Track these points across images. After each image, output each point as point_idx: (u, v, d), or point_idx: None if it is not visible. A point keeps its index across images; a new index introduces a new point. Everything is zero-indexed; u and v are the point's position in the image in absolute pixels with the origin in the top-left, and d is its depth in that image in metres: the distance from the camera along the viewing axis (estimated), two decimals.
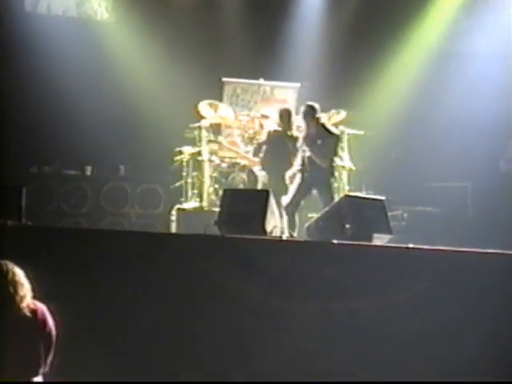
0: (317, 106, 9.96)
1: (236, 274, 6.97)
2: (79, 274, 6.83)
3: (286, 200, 9.75)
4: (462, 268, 7.18)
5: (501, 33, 13.19)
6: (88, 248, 6.99)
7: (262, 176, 10.72)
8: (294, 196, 9.70)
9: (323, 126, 9.91)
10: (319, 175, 9.69)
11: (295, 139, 10.17)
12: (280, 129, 10.50)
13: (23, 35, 12.11)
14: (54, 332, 5.00)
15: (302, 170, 9.81)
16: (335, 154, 9.89)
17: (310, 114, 9.85)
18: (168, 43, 12.78)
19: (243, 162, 11.42)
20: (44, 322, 4.99)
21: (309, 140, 9.80)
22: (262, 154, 10.75)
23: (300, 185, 9.76)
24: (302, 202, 9.93)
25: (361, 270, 7.12)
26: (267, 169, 10.58)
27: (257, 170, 11.11)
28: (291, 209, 9.67)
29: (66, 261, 6.90)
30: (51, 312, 4.98)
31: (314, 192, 9.80)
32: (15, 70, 12.03)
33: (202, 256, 7.05)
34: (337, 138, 9.98)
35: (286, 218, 9.67)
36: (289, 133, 10.39)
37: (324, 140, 9.75)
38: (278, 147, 10.30)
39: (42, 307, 5.04)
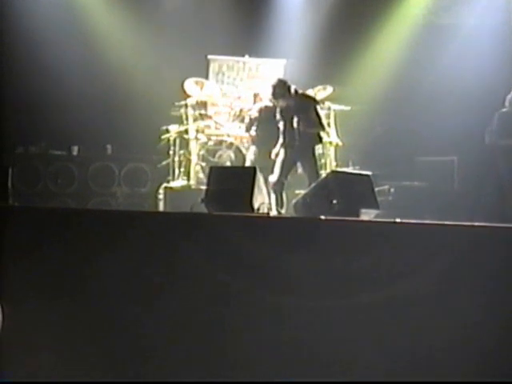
0: (283, 79, 9.99)
1: (222, 252, 6.97)
2: (66, 254, 6.81)
3: (272, 178, 9.75)
4: (449, 241, 7.20)
5: (485, 5, 13.17)
6: (75, 228, 6.97)
7: (252, 152, 10.70)
8: (280, 173, 9.69)
9: (298, 93, 9.87)
10: (304, 148, 9.65)
11: None
12: (271, 104, 10.46)
13: (6, 16, 12.01)
14: None
15: (285, 146, 9.78)
16: (319, 117, 9.82)
17: (282, 86, 9.81)
18: (153, 22, 12.73)
19: (230, 139, 11.42)
20: None
21: (291, 112, 9.75)
22: (253, 131, 10.75)
23: (284, 161, 9.74)
24: (289, 178, 9.92)
25: (349, 245, 7.13)
26: (258, 145, 10.57)
27: (246, 146, 11.13)
28: (279, 187, 9.67)
29: (54, 242, 6.88)
30: None
31: (299, 167, 9.77)
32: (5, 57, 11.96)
33: (189, 234, 7.04)
34: (314, 101, 9.95)
35: (273, 196, 9.67)
36: None
37: (305, 107, 9.71)
38: (270, 123, 10.27)
39: None
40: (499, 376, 6.84)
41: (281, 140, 9.82)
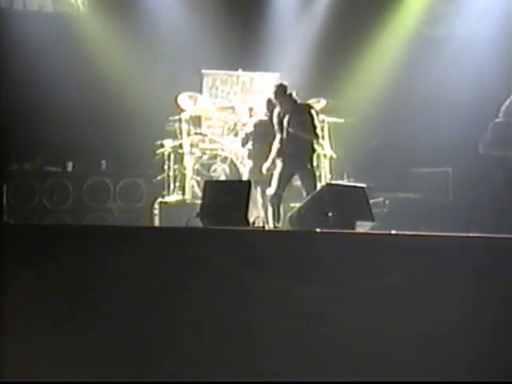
0: (285, 82, 9.98)
1: (218, 265, 6.96)
2: (63, 270, 6.80)
3: (270, 191, 9.73)
4: (445, 253, 7.20)
5: (477, 16, 13.23)
6: (71, 244, 6.96)
7: (249, 167, 10.70)
8: (278, 186, 9.66)
9: (295, 100, 9.87)
10: (300, 159, 9.63)
11: None
12: (266, 118, 10.47)
13: None
14: None
15: (281, 155, 9.73)
16: (314, 126, 9.80)
17: (281, 91, 9.82)
18: (147, 36, 12.76)
19: (224, 153, 11.43)
20: None
21: (287, 115, 9.73)
22: (249, 145, 10.76)
23: (281, 173, 9.72)
24: (286, 191, 9.89)
25: (344, 258, 7.13)
26: (255, 159, 10.57)
27: (240, 160, 11.14)
28: (276, 200, 9.64)
29: (50, 258, 6.87)
30: None
31: (296, 179, 9.75)
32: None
33: (185, 248, 7.04)
34: (309, 107, 9.92)
35: (270, 209, 9.65)
36: None
37: (302, 113, 9.72)
38: (266, 137, 10.27)
39: None
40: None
41: (277, 145, 9.76)
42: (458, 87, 12.33)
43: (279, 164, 9.78)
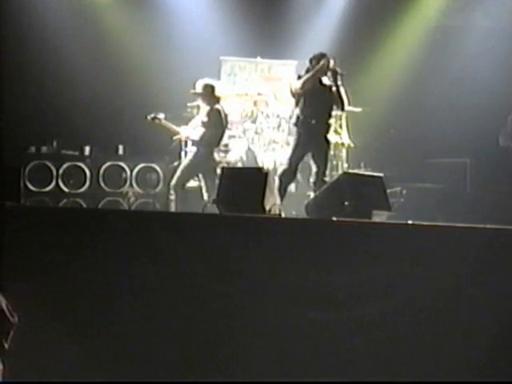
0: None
1: (235, 252, 6.97)
2: (78, 253, 6.82)
3: (282, 168, 9.55)
4: (462, 244, 7.18)
5: (499, 7, 13.14)
6: (87, 228, 6.99)
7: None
8: (290, 162, 9.42)
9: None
10: (316, 132, 9.46)
11: None
12: None
13: (20, 15, 12.06)
14: (11, 321, 4.98)
15: (297, 132, 9.50)
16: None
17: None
18: (165, 22, 12.74)
19: (242, 139, 11.43)
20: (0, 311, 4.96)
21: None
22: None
23: (296, 148, 9.45)
24: (300, 179, 9.74)
25: (360, 246, 7.12)
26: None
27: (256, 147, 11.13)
28: (288, 178, 9.45)
29: (65, 241, 6.90)
30: (6, 301, 4.95)
31: (309, 156, 9.48)
32: (11, 51, 11.99)
33: (201, 234, 7.05)
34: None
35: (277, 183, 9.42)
36: None
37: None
38: None
39: None
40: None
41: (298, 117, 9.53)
42: (478, 78, 12.26)
43: (294, 139, 9.55)
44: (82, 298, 6.75)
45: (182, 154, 11.58)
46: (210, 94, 10.45)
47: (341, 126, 11.36)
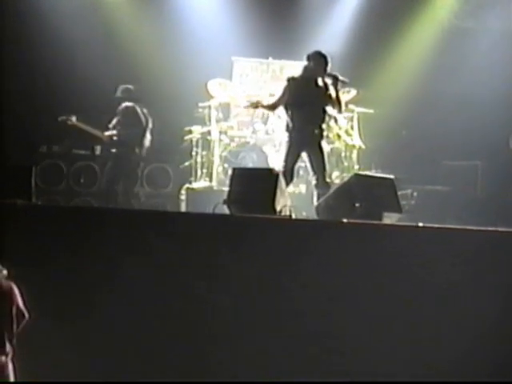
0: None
1: (245, 252, 6.98)
2: (89, 252, 6.85)
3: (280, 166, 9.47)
4: (472, 246, 7.18)
5: (511, 9, 13.12)
6: (98, 227, 7.01)
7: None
8: (285, 164, 9.24)
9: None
10: (309, 132, 9.38)
11: None
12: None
13: (31, 13, 12.11)
14: (22, 311, 5.01)
15: (289, 131, 9.39)
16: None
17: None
18: (178, 22, 12.76)
19: (253, 141, 11.43)
20: (12, 300, 4.99)
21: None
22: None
23: (289, 149, 9.31)
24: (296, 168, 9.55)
25: (370, 248, 7.12)
26: None
27: (267, 148, 11.13)
28: (285, 181, 9.31)
29: (76, 240, 6.92)
30: (20, 291, 4.98)
31: (305, 157, 9.42)
32: (24, 49, 12.04)
33: (210, 235, 7.06)
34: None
35: None
36: None
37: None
38: None
39: (10, 285, 5.03)
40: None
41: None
42: (490, 81, 12.23)
43: (286, 141, 9.45)
44: (91, 294, 6.77)
45: (193, 153, 11.59)
46: (128, 96, 11.09)
47: (352, 128, 11.36)
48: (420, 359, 6.99)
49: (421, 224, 7.55)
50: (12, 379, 5.06)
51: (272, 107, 9.68)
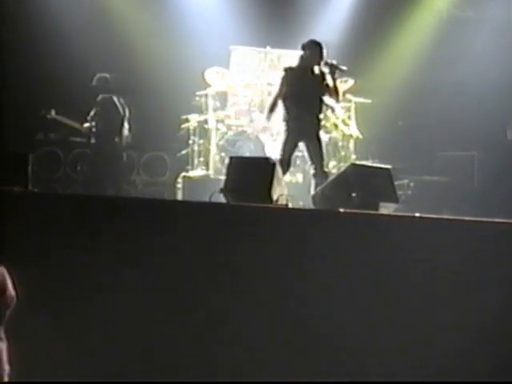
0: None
1: (240, 241, 6.97)
2: (86, 240, 6.84)
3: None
4: (469, 237, 7.18)
5: None
6: (94, 215, 7.00)
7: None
8: (282, 153, 9.28)
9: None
10: (307, 122, 9.35)
11: None
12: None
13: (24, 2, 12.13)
14: (12, 296, 4.99)
15: (286, 121, 9.40)
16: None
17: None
18: (176, 11, 12.74)
19: (250, 129, 11.42)
20: (3, 285, 4.98)
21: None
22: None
23: (286, 138, 9.34)
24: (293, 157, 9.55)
25: (367, 238, 7.12)
26: None
27: (264, 137, 11.11)
28: (282, 170, 9.30)
29: (73, 228, 6.91)
30: (11, 275, 4.97)
31: (303, 147, 9.41)
32: (22, 37, 12.01)
33: (207, 223, 7.06)
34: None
35: None
36: None
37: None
38: None
39: (1, 270, 5.02)
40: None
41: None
42: (487, 71, 12.23)
43: (283, 131, 9.44)
44: (88, 282, 6.76)
45: (190, 141, 11.58)
46: (103, 85, 11.15)
47: (349, 117, 11.36)
48: (417, 352, 6.98)
49: (417, 214, 7.55)
50: (6, 364, 5.05)
51: (275, 102, 9.58)
